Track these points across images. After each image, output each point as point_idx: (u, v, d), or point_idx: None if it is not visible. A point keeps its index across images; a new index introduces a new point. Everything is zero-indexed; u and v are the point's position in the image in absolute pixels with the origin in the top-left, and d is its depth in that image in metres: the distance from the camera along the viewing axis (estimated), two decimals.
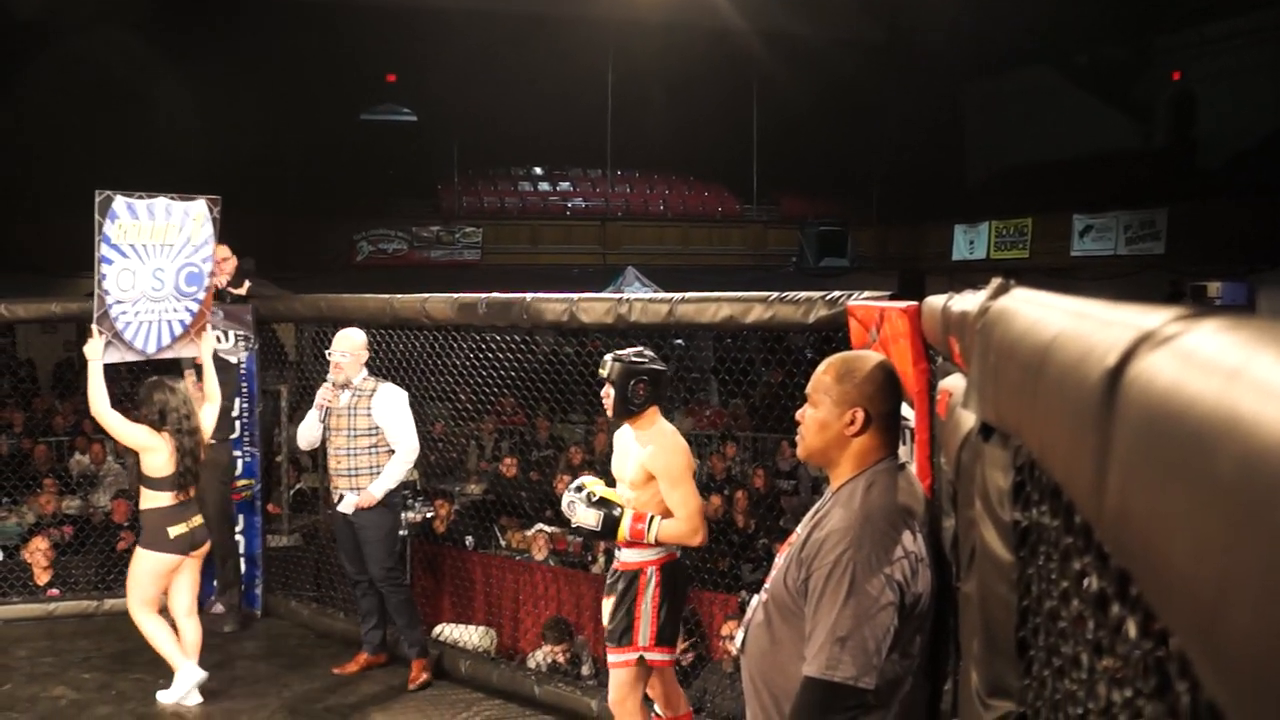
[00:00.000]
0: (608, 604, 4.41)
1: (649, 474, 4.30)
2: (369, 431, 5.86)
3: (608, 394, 4.36)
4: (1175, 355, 0.66)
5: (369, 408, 5.86)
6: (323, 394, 5.90)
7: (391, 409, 5.89)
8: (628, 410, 4.34)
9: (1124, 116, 18.94)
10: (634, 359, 4.35)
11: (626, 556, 4.36)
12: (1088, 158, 18.46)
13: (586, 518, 4.34)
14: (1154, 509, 0.64)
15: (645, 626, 4.28)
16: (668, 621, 4.30)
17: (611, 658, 4.40)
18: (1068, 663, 1.13)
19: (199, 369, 6.68)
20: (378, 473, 5.88)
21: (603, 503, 4.34)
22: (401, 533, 6.79)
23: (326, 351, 5.98)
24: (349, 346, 5.90)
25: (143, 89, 16.89)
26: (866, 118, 21.52)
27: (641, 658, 4.31)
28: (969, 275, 20.08)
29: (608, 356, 4.41)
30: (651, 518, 4.26)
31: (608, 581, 4.50)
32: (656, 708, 4.49)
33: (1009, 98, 20.93)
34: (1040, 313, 1.16)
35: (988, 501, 1.51)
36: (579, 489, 4.43)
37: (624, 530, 4.28)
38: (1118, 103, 19.04)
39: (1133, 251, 16.75)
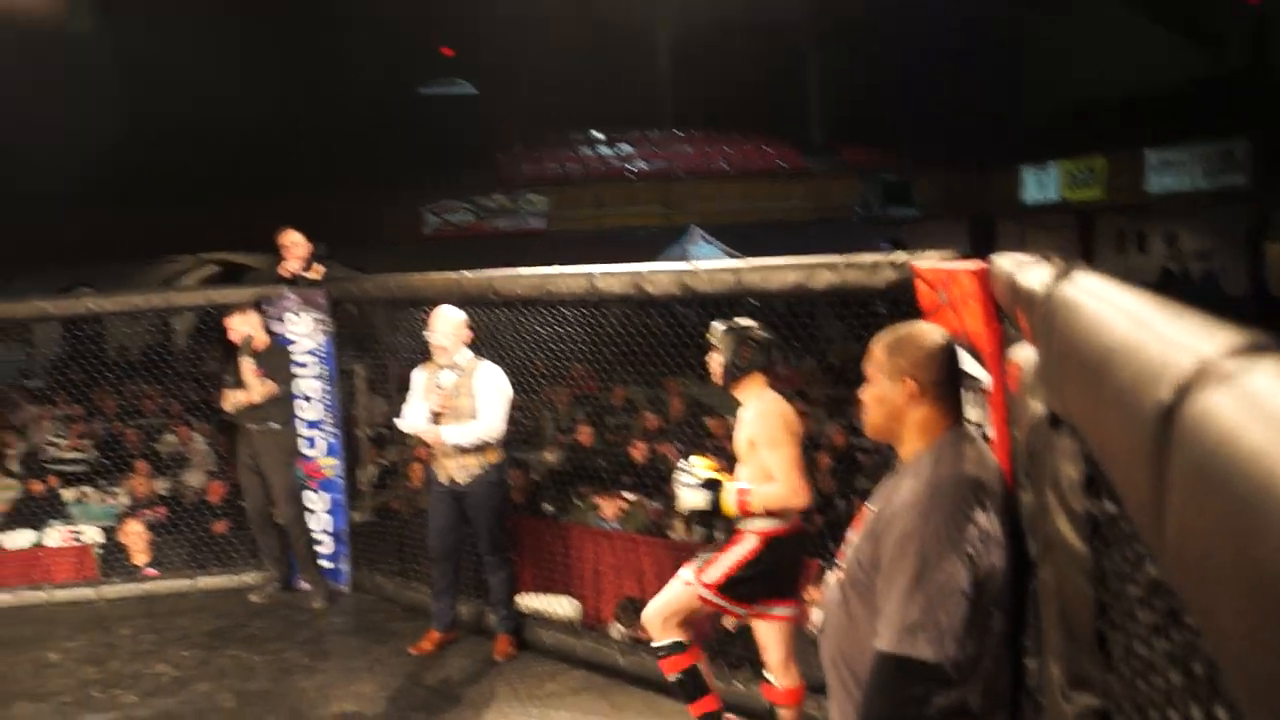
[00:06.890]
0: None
1: (751, 442, 4.30)
2: (473, 413, 5.79)
3: (715, 359, 4.38)
4: (1233, 398, 0.65)
5: (472, 388, 5.82)
6: (435, 401, 5.79)
7: (488, 386, 5.82)
8: (732, 374, 4.35)
9: (1193, 45, 18.33)
10: (744, 325, 4.38)
11: (740, 524, 4.35)
12: (1156, 90, 17.88)
13: (696, 499, 4.35)
14: (1207, 559, 0.63)
15: (719, 567, 4.30)
16: (743, 580, 4.28)
17: (681, 570, 4.46)
18: (1144, 666, 1.12)
19: (257, 355, 6.84)
20: (484, 450, 5.83)
21: (711, 483, 4.33)
22: None
23: (425, 333, 5.94)
24: (449, 327, 5.85)
25: (205, 76, 17.13)
26: (924, 61, 21.16)
27: (698, 587, 4.33)
28: (1041, 218, 19.67)
29: (716, 323, 4.42)
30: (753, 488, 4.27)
31: None
32: (769, 675, 4.48)
33: (1070, 30, 20.33)
34: (1102, 310, 1.14)
35: (1059, 490, 1.50)
36: (686, 470, 4.43)
37: (730, 504, 4.28)
38: (1186, 30, 18.45)
39: (1214, 185, 16.13)
